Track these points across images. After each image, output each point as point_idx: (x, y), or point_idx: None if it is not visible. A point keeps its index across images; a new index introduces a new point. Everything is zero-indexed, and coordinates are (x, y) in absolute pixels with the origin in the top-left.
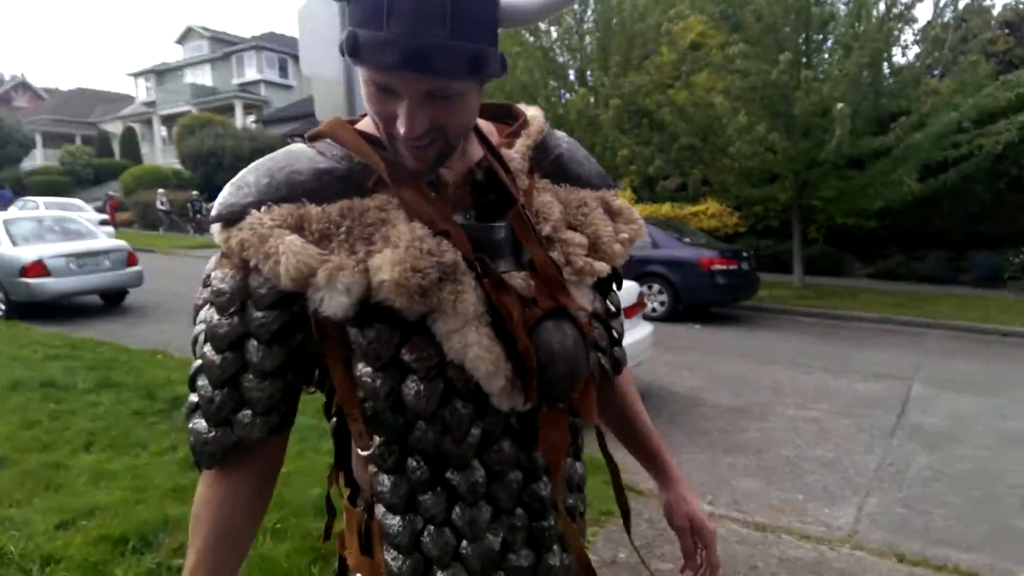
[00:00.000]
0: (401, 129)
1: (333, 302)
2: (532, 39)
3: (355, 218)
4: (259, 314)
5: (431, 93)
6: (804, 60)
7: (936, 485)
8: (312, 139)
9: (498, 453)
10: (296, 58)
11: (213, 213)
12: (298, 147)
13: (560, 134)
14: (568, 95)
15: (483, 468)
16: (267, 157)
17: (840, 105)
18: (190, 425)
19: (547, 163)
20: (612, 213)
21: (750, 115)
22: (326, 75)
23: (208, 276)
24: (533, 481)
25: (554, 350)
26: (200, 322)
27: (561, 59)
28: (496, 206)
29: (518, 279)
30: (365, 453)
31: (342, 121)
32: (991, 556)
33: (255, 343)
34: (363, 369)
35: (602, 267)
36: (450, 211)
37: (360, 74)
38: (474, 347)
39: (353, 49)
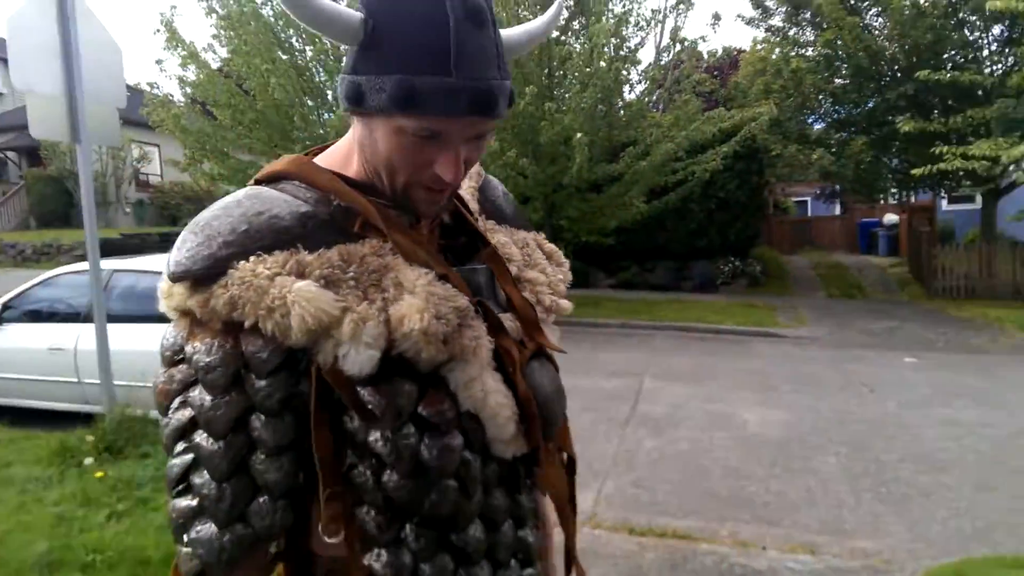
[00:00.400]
0: (447, 176)
1: (361, 357)
2: (285, 57)
3: (358, 264)
4: (262, 383)
5: (478, 135)
6: (548, 94)
7: (660, 465)
8: (268, 181)
9: (494, 504)
10: (5, 62)
11: (175, 271)
12: (263, 191)
13: (492, 178)
14: (327, 115)
15: (480, 523)
16: (228, 203)
17: (579, 135)
18: (192, 536)
19: (488, 205)
20: (546, 255)
21: (502, 142)
22: (43, 89)
23: (177, 353)
24: (520, 528)
25: (547, 391)
26: (178, 409)
27: (319, 78)
28: (465, 248)
29: (508, 321)
30: (333, 540)
31: (306, 159)
32: (702, 519)
33: (262, 418)
34: (377, 433)
35: (567, 304)
36: (437, 255)
37: (386, 123)
38: (494, 394)
39: (407, 98)
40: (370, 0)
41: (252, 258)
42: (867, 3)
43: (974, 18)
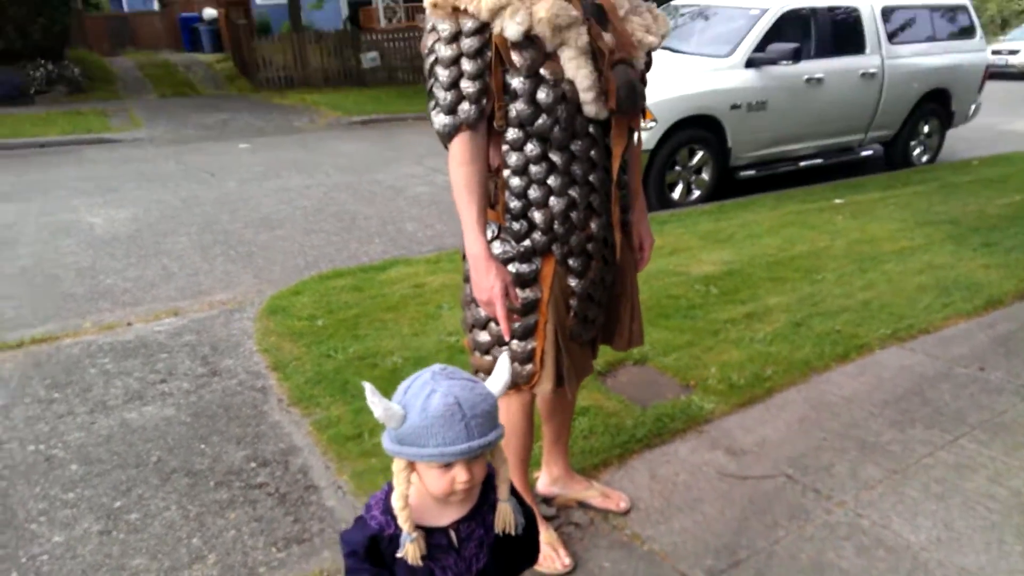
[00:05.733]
0: None
1: (511, 29)
2: None
3: None
4: (468, 39)
5: None
6: None
7: (0, 284)
8: None
9: (582, 143)
10: None
11: None
12: None
13: None
14: None
15: (570, 152)
16: None
17: None
18: (433, 117)
19: None
20: (654, 17)
21: None
22: None
23: (432, 27)
24: (601, 165)
25: (622, 80)
26: (430, 54)
27: None
28: None
29: (607, 36)
30: (498, 126)
31: None
32: (62, 321)
33: (466, 59)
34: (516, 78)
35: (652, 40)
36: None
37: None
38: (584, 69)
39: None
40: None
41: None
42: None
43: None
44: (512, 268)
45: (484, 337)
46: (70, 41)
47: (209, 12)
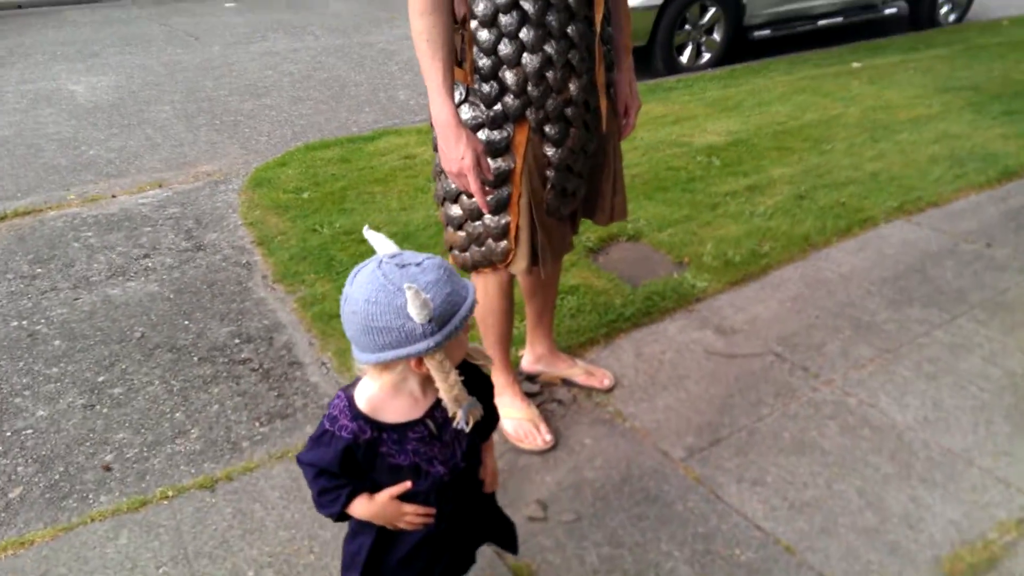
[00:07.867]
0: None
1: None
2: None
3: None
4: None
5: None
6: None
7: None
8: None
9: None
10: None
11: None
12: None
13: None
14: None
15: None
16: None
17: None
18: None
19: None
20: None
21: None
22: None
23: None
24: (582, 15)
25: None
26: None
27: None
28: None
29: None
30: None
31: None
32: (45, 193)
33: None
34: None
35: None
36: None
37: None
38: None
39: None
40: None
41: None
42: None
43: None
44: (482, 135)
45: (456, 211)
46: None
47: None
